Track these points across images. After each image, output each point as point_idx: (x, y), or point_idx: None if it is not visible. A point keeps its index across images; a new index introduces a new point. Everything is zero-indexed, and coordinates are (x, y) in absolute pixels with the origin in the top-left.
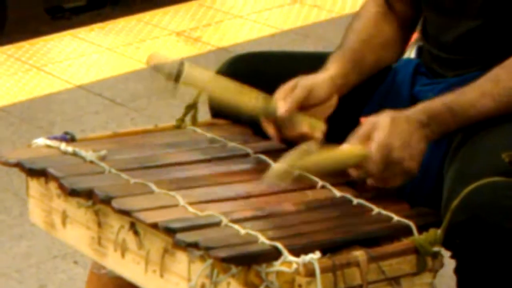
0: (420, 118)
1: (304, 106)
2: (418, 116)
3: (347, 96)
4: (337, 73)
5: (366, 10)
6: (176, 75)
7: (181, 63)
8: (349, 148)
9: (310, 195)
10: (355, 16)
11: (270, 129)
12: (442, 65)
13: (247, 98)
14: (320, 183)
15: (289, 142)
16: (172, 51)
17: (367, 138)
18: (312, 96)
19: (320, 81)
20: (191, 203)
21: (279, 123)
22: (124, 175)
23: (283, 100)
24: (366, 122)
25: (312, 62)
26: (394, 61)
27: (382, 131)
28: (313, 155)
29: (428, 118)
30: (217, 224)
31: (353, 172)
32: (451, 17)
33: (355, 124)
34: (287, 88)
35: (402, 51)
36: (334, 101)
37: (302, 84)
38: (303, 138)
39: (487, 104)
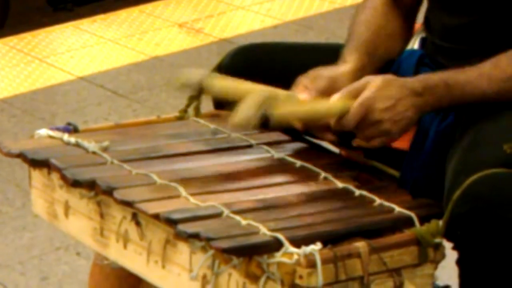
0: (415, 86)
1: (325, 96)
2: (413, 84)
3: None
4: (357, 66)
5: (372, 1)
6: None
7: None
8: (334, 101)
9: (312, 186)
10: (360, 7)
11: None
12: (445, 55)
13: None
14: (322, 174)
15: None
16: (174, 42)
17: (357, 94)
18: (334, 88)
19: (342, 73)
20: (192, 194)
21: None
22: (126, 166)
23: (303, 89)
24: (361, 79)
25: (315, 53)
26: (400, 52)
27: (369, 90)
28: (293, 103)
29: (423, 88)
30: (219, 215)
31: (331, 123)
32: (454, 6)
33: None
34: (307, 78)
35: (407, 41)
36: None
37: (324, 74)
38: (327, 129)
39: (483, 84)
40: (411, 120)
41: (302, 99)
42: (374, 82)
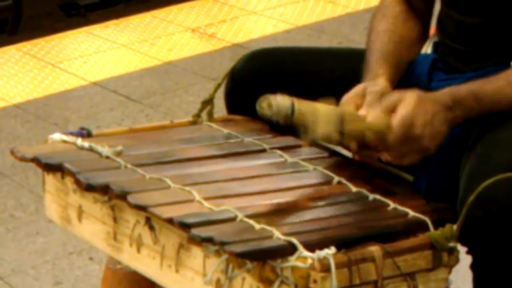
0: (445, 101)
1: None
2: (443, 98)
3: None
4: (389, 79)
5: (390, 10)
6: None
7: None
8: (373, 118)
9: (325, 190)
10: (379, 15)
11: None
12: (459, 58)
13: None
14: (336, 178)
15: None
16: (187, 47)
17: (392, 110)
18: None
19: (385, 87)
20: (206, 198)
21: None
22: (140, 170)
23: (355, 107)
24: (393, 94)
25: (328, 57)
26: (415, 58)
27: (407, 106)
28: (335, 118)
29: (453, 102)
30: (232, 219)
31: (372, 142)
32: (467, 8)
33: None
34: (354, 95)
35: (423, 46)
36: None
37: (373, 90)
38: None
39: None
40: (444, 134)
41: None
42: (409, 98)
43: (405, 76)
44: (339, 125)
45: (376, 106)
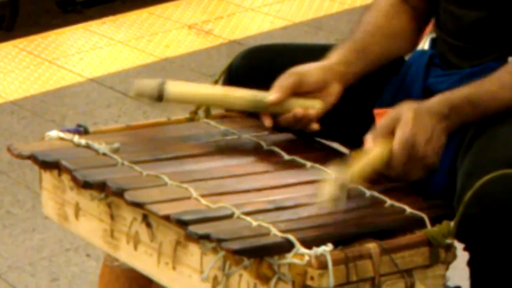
0: (441, 110)
1: (299, 93)
2: (439, 108)
3: (360, 87)
4: (337, 60)
5: (378, 4)
6: (158, 96)
7: (161, 83)
8: (375, 151)
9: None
10: (366, 9)
11: (266, 120)
12: (456, 54)
13: (235, 96)
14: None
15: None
16: (184, 44)
17: (390, 132)
18: (303, 83)
19: (312, 68)
20: (203, 195)
21: (275, 112)
22: (137, 168)
23: (276, 89)
24: (388, 115)
25: (325, 54)
26: (406, 52)
27: (405, 127)
28: (351, 168)
29: (449, 110)
30: (230, 216)
31: (379, 170)
32: (466, 4)
33: (368, 115)
34: (283, 76)
35: (415, 42)
36: (335, 89)
37: (292, 71)
38: (298, 120)
39: (506, 96)
40: (443, 144)
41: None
42: (405, 116)
43: (402, 72)
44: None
45: (374, 132)
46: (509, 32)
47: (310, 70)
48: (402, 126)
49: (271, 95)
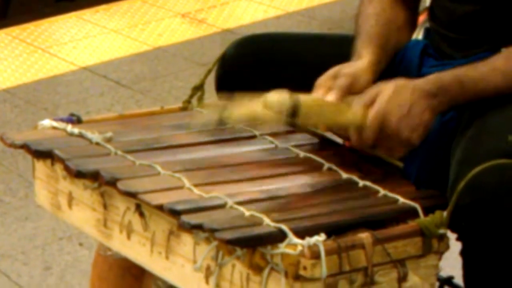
0: (428, 88)
1: (349, 93)
2: (427, 86)
3: None
4: (373, 60)
5: None
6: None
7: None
8: (353, 112)
9: (315, 177)
10: (365, 0)
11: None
12: (450, 45)
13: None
14: (326, 165)
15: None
16: (177, 32)
17: (370, 104)
18: (356, 84)
19: (362, 69)
20: (196, 185)
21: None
22: (130, 157)
23: (326, 90)
24: (372, 88)
25: (319, 43)
26: (406, 42)
27: (380, 101)
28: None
29: (437, 89)
30: (222, 206)
31: (352, 136)
32: None
33: None
34: (328, 77)
35: (413, 32)
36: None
37: (346, 72)
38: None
39: (498, 79)
40: (428, 122)
41: (326, 102)
42: (384, 91)
43: (396, 62)
44: (297, 99)
45: (358, 100)
46: (502, 24)
47: (360, 71)
48: (379, 100)
49: (329, 97)
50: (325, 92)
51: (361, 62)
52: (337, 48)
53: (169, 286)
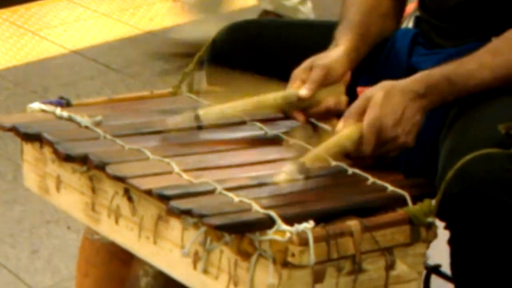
0: (417, 89)
1: (323, 84)
2: (415, 86)
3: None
4: (349, 47)
5: None
6: (197, 126)
7: (196, 116)
8: (345, 131)
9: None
10: None
11: (298, 116)
12: (440, 34)
13: (267, 105)
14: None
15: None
16: (168, 17)
17: (362, 113)
18: (330, 75)
19: (336, 58)
20: (185, 170)
21: (303, 106)
22: (119, 141)
23: (301, 83)
24: (361, 96)
25: (309, 30)
26: (393, 31)
27: (373, 109)
28: (315, 147)
29: (426, 88)
30: (211, 191)
31: (350, 153)
32: None
33: (353, 94)
34: (303, 69)
35: (399, 21)
36: (348, 76)
37: (319, 64)
38: (329, 112)
39: (486, 75)
40: (420, 122)
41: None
42: (375, 97)
43: (385, 51)
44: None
45: (348, 110)
46: (493, 14)
47: (334, 61)
48: (371, 108)
49: (303, 91)
50: (299, 85)
51: (337, 50)
52: (327, 35)
53: (156, 271)
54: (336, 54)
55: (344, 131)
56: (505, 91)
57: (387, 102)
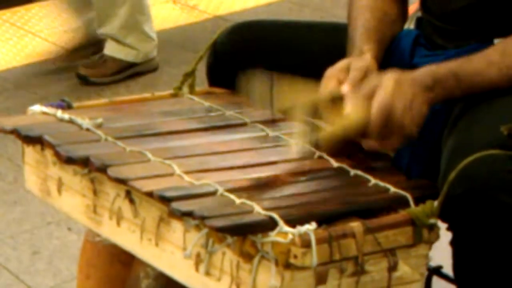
0: (425, 81)
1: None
2: (423, 79)
3: None
4: (374, 55)
5: None
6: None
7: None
8: (353, 115)
9: (307, 165)
10: None
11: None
12: (442, 36)
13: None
14: (317, 153)
15: None
16: (169, 18)
17: (370, 97)
18: (367, 78)
19: (370, 63)
20: (187, 172)
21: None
22: (120, 143)
23: (337, 82)
24: (371, 78)
25: (310, 31)
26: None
27: (384, 92)
28: (324, 128)
29: (433, 82)
30: (213, 193)
31: (354, 133)
32: None
33: None
34: (339, 69)
35: (404, 24)
36: None
37: (358, 66)
38: None
39: (493, 74)
40: (425, 115)
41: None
42: (387, 83)
43: (387, 52)
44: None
45: (355, 93)
46: (495, 16)
47: (369, 66)
48: (382, 92)
49: (344, 89)
50: (336, 84)
51: (367, 57)
52: (329, 37)
53: (157, 273)
54: (369, 59)
55: (352, 114)
56: (509, 91)
57: (398, 88)
